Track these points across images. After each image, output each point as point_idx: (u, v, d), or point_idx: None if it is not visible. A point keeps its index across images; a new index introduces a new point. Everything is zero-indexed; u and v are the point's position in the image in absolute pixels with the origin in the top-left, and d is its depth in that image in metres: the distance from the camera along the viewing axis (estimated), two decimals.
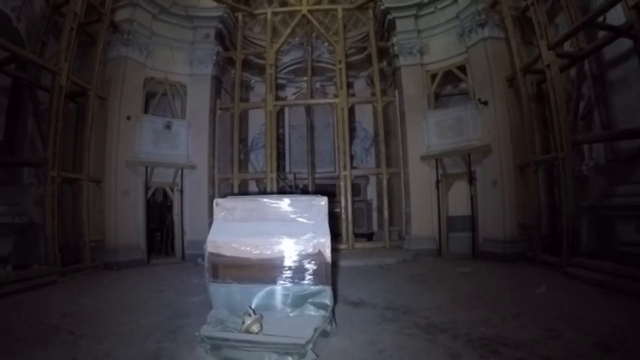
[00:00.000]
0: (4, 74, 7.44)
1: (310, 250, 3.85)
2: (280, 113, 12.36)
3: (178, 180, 9.87)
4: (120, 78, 9.10)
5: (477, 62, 8.95)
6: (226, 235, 3.97)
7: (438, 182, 9.49)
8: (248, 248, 3.86)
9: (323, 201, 4.17)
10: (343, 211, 10.06)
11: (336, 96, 10.49)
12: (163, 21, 9.94)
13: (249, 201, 4.43)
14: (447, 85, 10.40)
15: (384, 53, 10.88)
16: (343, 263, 8.23)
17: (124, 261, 8.44)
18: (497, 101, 8.53)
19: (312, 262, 3.86)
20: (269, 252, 3.85)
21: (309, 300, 3.87)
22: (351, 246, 9.86)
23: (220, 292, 3.89)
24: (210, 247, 3.89)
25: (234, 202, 4.30)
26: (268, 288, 3.86)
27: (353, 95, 11.81)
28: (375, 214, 11.39)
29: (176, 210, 9.87)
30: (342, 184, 10.16)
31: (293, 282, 3.87)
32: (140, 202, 9.29)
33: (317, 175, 11.91)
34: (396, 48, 9.96)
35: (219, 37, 10.69)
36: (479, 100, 8.67)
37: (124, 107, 9.08)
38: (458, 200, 9.34)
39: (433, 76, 9.86)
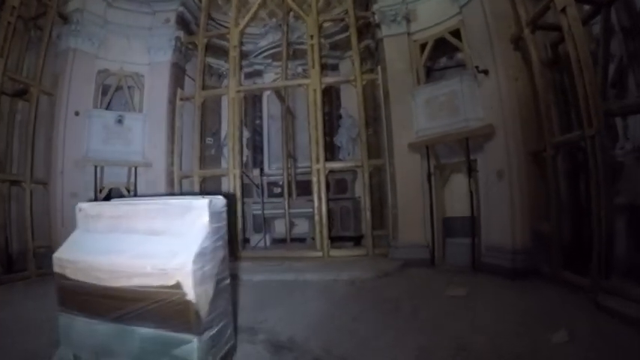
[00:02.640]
0: None
1: (165, 281, 2.65)
2: (257, 102, 10.79)
3: (134, 180, 8.33)
4: (67, 71, 7.86)
5: (474, 23, 6.66)
6: (76, 251, 3.09)
7: (430, 175, 7.29)
8: (93, 272, 2.88)
9: (202, 205, 2.90)
10: (316, 211, 8.10)
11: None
12: (119, 8, 8.54)
13: (118, 206, 3.36)
14: (441, 58, 8.09)
15: (369, 28, 8.77)
16: (308, 277, 6.45)
17: None
18: (500, 69, 6.22)
19: (169, 299, 2.65)
20: (118, 278, 2.79)
21: (170, 352, 2.67)
22: (326, 254, 7.88)
23: (65, 325, 3.05)
24: (56, 267, 3.09)
25: (100, 208, 3.37)
26: (116, 328, 2.80)
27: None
28: (364, 214, 9.31)
29: None
30: (314, 179, 8.19)
31: (145, 324, 2.71)
32: None
33: (299, 170, 9.99)
34: (377, 16, 7.82)
35: (182, 22, 9.13)
36: (476, 68, 6.42)
37: (73, 102, 7.83)
38: (456, 197, 7.15)
39: (422, 47, 7.63)
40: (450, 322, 4.04)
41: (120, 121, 8.13)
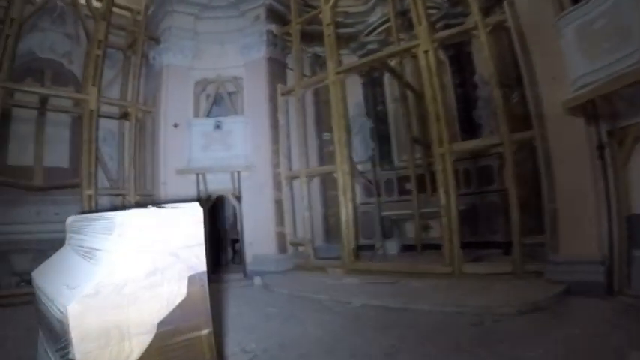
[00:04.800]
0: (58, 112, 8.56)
1: (64, 324, 2.07)
2: (378, 85, 9.99)
3: (238, 185, 8.80)
4: (164, 87, 9.02)
5: None
6: (42, 271, 2.99)
7: (601, 148, 5.03)
8: (41, 297, 2.68)
9: (122, 222, 2.20)
10: (444, 212, 6.61)
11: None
12: (207, 18, 9.38)
13: (88, 220, 2.93)
14: None
15: None
16: (421, 305, 5.22)
17: None
18: None
19: (65, 349, 2.12)
20: (46, 308, 2.52)
21: None
22: (456, 269, 6.32)
23: (39, 347, 2.96)
24: (33, 285, 3.04)
25: (80, 222, 3.02)
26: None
27: None
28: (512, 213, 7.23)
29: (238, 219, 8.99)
30: (439, 168, 6.77)
31: None
32: None
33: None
34: None
35: (273, 15, 9.36)
36: None
37: (171, 116, 8.92)
38: None
39: None
40: None
41: (218, 126, 8.72)
